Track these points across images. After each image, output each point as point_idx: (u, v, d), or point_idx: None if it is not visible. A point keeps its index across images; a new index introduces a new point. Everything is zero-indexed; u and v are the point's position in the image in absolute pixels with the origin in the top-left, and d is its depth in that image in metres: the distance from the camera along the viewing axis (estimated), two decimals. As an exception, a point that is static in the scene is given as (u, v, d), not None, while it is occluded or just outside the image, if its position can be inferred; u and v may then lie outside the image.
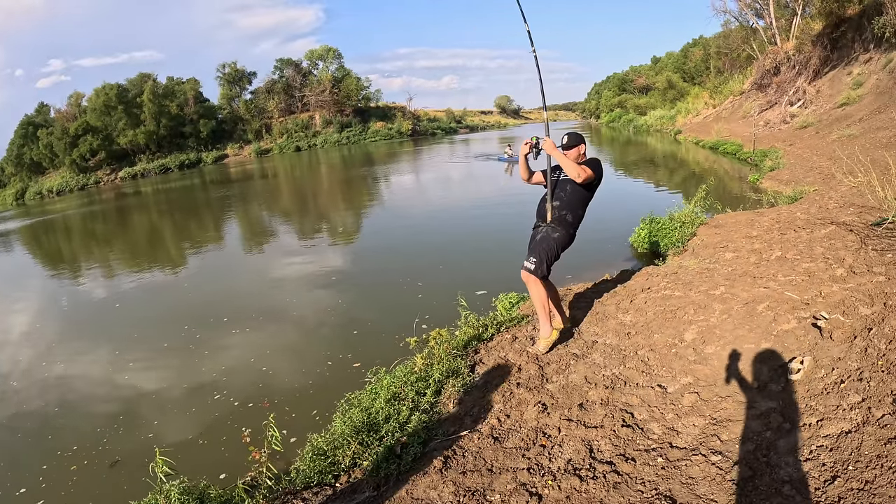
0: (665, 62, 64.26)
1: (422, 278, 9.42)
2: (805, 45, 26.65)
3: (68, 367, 7.96)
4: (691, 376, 4.04)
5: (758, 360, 4.01)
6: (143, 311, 10.21)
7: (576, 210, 4.77)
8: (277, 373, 6.61)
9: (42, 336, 9.67)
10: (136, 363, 7.64)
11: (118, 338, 8.83)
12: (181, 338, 8.24)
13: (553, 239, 4.73)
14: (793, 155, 16.94)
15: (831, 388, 3.39)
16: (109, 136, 73.76)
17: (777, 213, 9.14)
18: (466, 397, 4.30)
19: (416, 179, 28.38)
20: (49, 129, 73.89)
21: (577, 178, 4.55)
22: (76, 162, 72.06)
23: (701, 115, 36.85)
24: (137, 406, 6.36)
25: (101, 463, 5.26)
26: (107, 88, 74.66)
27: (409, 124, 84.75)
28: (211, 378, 6.70)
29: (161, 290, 11.62)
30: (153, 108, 73.52)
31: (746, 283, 5.59)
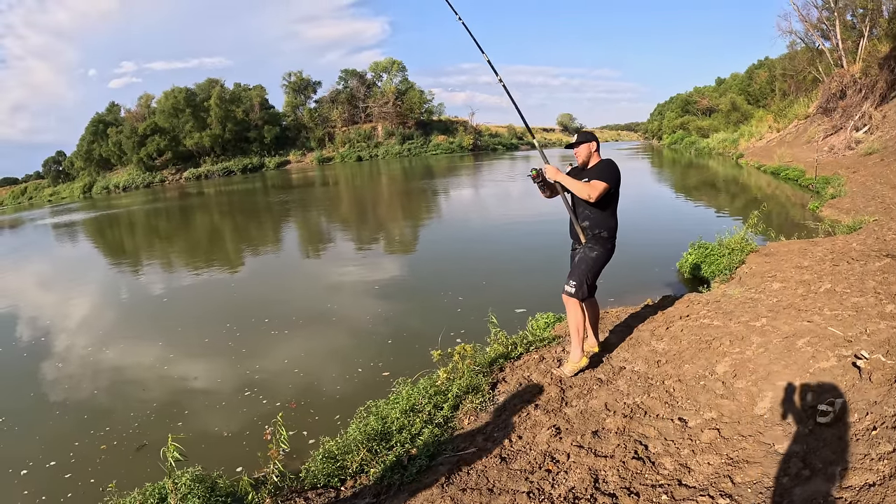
0: (729, 83, 62.87)
1: (463, 293, 9.40)
2: (872, 67, 25.69)
3: (112, 354, 8.26)
4: (716, 411, 3.90)
5: (788, 399, 3.84)
6: (190, 307, 10.57)
7: (607, 223, 4.66)
8: (308, 375, 6.71)
9: (94, 323, 10.07)
10: (176, 355, 7.89)
11: (163, 330, 9.17)
12: (221, 335, 8.46)
13: (591, 259, 4.66)
14: (856, 182, 16.37)
15: (861, 436, 3.20)
16: (176, 137, 76.86)
17: (832, 244, 8.81)
18: (483, 415, 4.28)
19: (474, 194, 28.37)
20: (119, 128, 77.43)
21: (588, 199, 4.46)
22: (143, 160, 75.33)
23: (764, 138, 35.86)
24: (171, 395, 6.57)
25: (130, 445, 5.45)
26: (176, 91, 77.72)
27: (471, 139, 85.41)
28: (244, 375, 6.86)
29: (210, 288, 11.93)
30: (220, 112, 76.37)
31: (790, 315, 5.39)
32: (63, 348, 8.75)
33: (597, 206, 4.57)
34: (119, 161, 79.00)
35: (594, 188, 4.43)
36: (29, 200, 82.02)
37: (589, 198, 4.44)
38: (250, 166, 77.18)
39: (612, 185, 4.52)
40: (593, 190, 4.42)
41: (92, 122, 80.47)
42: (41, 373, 7.73)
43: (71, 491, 4.80)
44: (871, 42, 28.13)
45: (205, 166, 77.21)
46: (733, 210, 17.15)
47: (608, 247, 4.69)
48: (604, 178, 4.48)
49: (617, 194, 4.66)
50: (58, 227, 31.71)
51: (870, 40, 28.44)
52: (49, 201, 73.65)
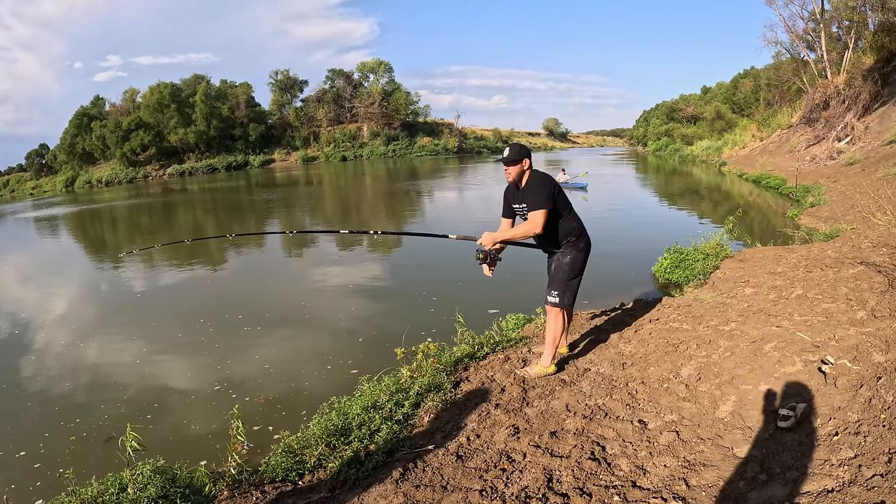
0: (715, 92, 63.43)
1: (437, 293, 9.41)
2: (855, 79, 25.98)
3: (85, 348, 8.20)
4: (676, 414, 3.88)
5: (751, 404, 3.82)
6: (166, 303, 10.49)
7: (568, 229, 4.62)
8: (278, 371, 6.69)
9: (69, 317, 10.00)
10: (149, 350, 7.84)
11: (137, 325, 9.11)
12: (195, 330, 8.43)
13: (566, 264, 4.63)
14: (836, 192, 16.51)
15: (823, 441, 3.18)
16: (161, 132, 76.66)
17: (807, 251, 8.85)
18: (444, 413, 4.24)
19: (457, 196, 28.41)
20: (103, 122, 77.13)
21: (535, 231, 4.40)
22: (126, 155, 75.01)
23: (747, 147, 36.13)
24: (142, 389, 6.54)
25: (98, 437, 5.43)
26: (161, 87, 77.57)
27: (456, 141, 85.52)
28: (216, 370, 6.84)
29: (188, 284, 11.86)
30: (205, 108, 76.33)
31: (759, 320, 5.39)
32: (37, 341, 8.69)
33: (550, 224, 4.49)
34: (102, 155, 78.57)
35: (534, 223, 4.37)
36: (11, 193, 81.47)
37: (536, 233, 4.41)
38: (234, 164, 76.92)
39: (550, 205, 4.41)
40: (534, 225, 4.37)
41: (76, 115, 79.99)
42: (13, 365, 7.67)
43: (40, 480, 4.81)
44: (855, 54, 28.45)
45: (189, 163, 76.91)
46: (713, 216, 17.26)
47: (580, 246, 4.65)
48: (539, 204, 4.39)
49: (561, 199, 4.57)
50: (39, 220, 31.46)
51: (854, 52, 28.76)
52: (31, 194, 73.08)
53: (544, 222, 4.36)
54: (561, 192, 4.57)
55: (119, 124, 75.89)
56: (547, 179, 4.53)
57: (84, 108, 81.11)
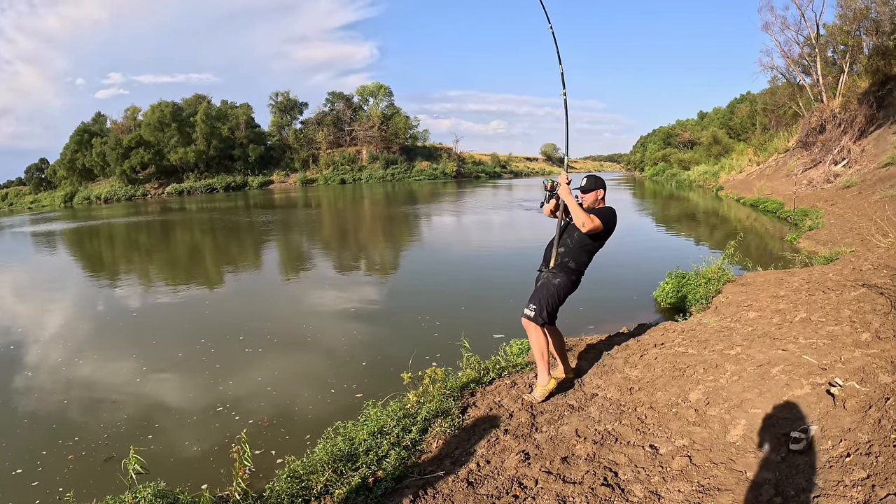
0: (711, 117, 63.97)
1: (441, 317, 9.35)
2: (851, 102, 26.22)
3: (84, 365, 8.13)
4: (687, 438, 3.85)
5: (761, 427, 3.79)
6: (165, 322, 10.42)
7: (579, 257, 4.68)
8: (281, 395, 6.61)
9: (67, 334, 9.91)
10: (149, 369, 7.77)
11: (137, 343, 9.06)
12: (195, 350, 8.36)
13: (553, 285, 4.65)
14: (833, 215, 16.58)
15: (835, 462, 3.14)
16: (160, 151, 77.06)
17: (808, 274, 8.87)
18: (452, 439, 4.19)
19: (457, 221, 28.36)
20: (103, 139, 77.53)
21: (581, 227, 4.50)
22: (126, 173, 75.37)
23: (744, 171, 36.34)
24: (142, 409, 6.46)
25: (98, 457, 5.35)
26: (162, 105, 78.12)
27: (454, 166, 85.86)
28: (217, 391, 6.77)
29: (187, 303, 11.80)
30: (205, 128, 76.82)
31: (765, 344, 5.36)
32: (35, 358, 8.62)
33: (579, 241, 4.63)
34: (102, 172, 78.85)
35: (592, 220, 4.50)
36: (9, 207, 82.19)
37: (582, 225, 4.49)
38: (233, 184, 77.27)
39: (605, 227, 4.60)
40: (590, 221, 4.49)
41: (77, 131, 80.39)
42: (11, 382, 7.59)
43: (38, 498, 4.73)
44: (850, 78, 28.75)
45: (188, 182, 77.23)
46: (712, 241, 17.31)
47: (572, 278, 4.70)
48: (602, 219, 4.57)
49: (604, 241, 4.75)
50: (37, 235, 31.45)
51: (850, 76, 29.06)
52: (29, 208, 73.56)
53: (592, 230, 4.52)
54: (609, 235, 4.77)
55: (119, 141, 76.29)
56: (614, 215, 4.75)
57: (85, 124, 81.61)
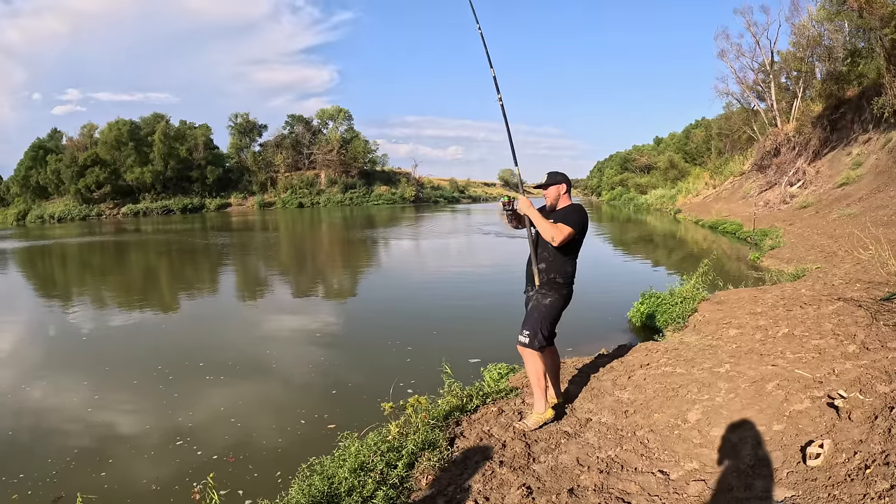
0: (667, 143, 65.50)
1: (412, 342, 8.96)
2: (805, 126, 27.09)
3: (32, 392, 7.51)
4: (696, 461, 3.59)
5: (771, 444, 3.59)
6: (119, 347, 9.74)
7: (564, 269, 4.39)
8: (247, 426, 6.12)
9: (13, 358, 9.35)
10: (101, 397, 7.18)
11: (88, 369, 8.43)
12: (152, 378, 7.76)
13: (545, 306, 4.37)
14: (793, 234, 16.89)
15: (855, 475, 2.99)
16: (117, 170, 75.64)
17: (781, 290, 8.88)
18: (442, 474, 3.81)
19: (416, 246, 28.08)
20: (59, 156, 75.83)
21: (552, 242, 4.21)
22: (81, 192, 73.58)
23: (701, 195, 37.07)
24: (94, 441, 5.90)
25: (45, 496, 4.81)
26: (120, 123, 76.87)
27: (413, 190, 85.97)
28: (176, 422, 6.23)
29: (142, 328, 11.14)
30: (163, 148, 75.75)
31: (753, 360, 5.26)
32: None
33: (557, 250, 4.31)
34: (56, 190, 76.65)
35: (560, 231, 4.20)
36: None
37: (552, 240, 4.19)
38: (190, 206, 75.96)
39: (577, 232, 4.30)
40: (559, 233, 4.19)
41: (32, 147, 78.18)
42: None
43: None
44: (804, 102, 29.76)
45: (144, 203, 75.59)
46: (674, 263, 17.44)
47: (563, 293, 4.42)
48: (570, 223, 4.26)
49: (580, 242, 4.44)
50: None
51: (803, 101, 30.09)
52: None
53: (565, 240, 4.23)
54: (583, 235, 4.44)
55: (75, 159, 74.36)
56: (583, 212, 4.45)
57: (40, 140, 79.29)
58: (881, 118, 21.71)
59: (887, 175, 18.88)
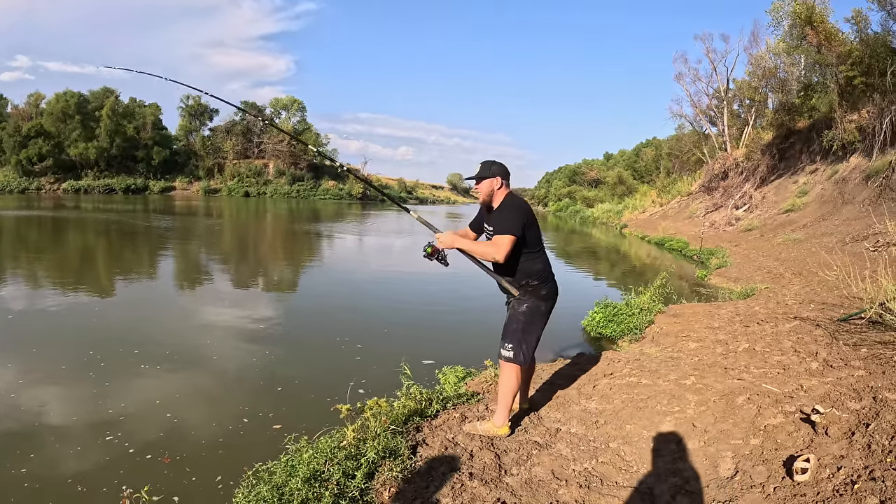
0: (617, 159, 66.66)
1: (362, 340, 8.48)
2: (754, 153, 27.93)
3: None
4: (679, 476, 3.38)
5: (752, 459, 3.45)
6: (48, 328, 8.97)
7: (531, 269, 4.03)
8: (184, 422, 5.59)
9: None
10: (26, 382, 6.52)
11: (13, 350, 7.72)
12: (82, 363, 7.10)
13: (522, 313, 4.03)
14: (738, 255, 17.22)
15: (844, 490, 2.92)
16: (61, 144, 72.58)
17: (734, 307, 8.97)
18: (407, 486, 3.45)
19: (362, 243, 27.54)
20: (2, 124, 71.74)
21: (496, 259, 3.84)
22: (22, 163, 70.37)
23: (647, 211, 37.73)
24: (15, 433, 5.27)
25: None
26: (68, 95, 73.78)
27: (361, 188, 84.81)
28: (107, 414, 5.65)
29: (74, 309, 10.35)
30: (110, 124, 72.90)
31: (718, 373, 5.17)
32: None
33: (513, 257, 3.93)
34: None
35: (498, 247, 3.81)
36: None
37: (495, 259, 3.83)
38: (134, 187, 73.24)
39: (518, 234, 3.86)
40: (498, 249, 3.80)
41: None
42: None
43: None
44: (755, 130, 30.69)
45: (86, 180, 72.48)
46: (621, 274, 17.51)
47: (540, 294, 4.06)
48: (506, 229, 3.84)
49: (531, 234, 4.00)
50: None
51: (754, 128, 31.01)
52: None
53: (509, 251, 3.82)
54: (534, 225, 4.02)
55: (18, 129, 70.59)
56: (522, 206, 4.01)
57: None
58: (829, 150, 22.50)
59: (832, 204, 19.50)
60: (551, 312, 4.22)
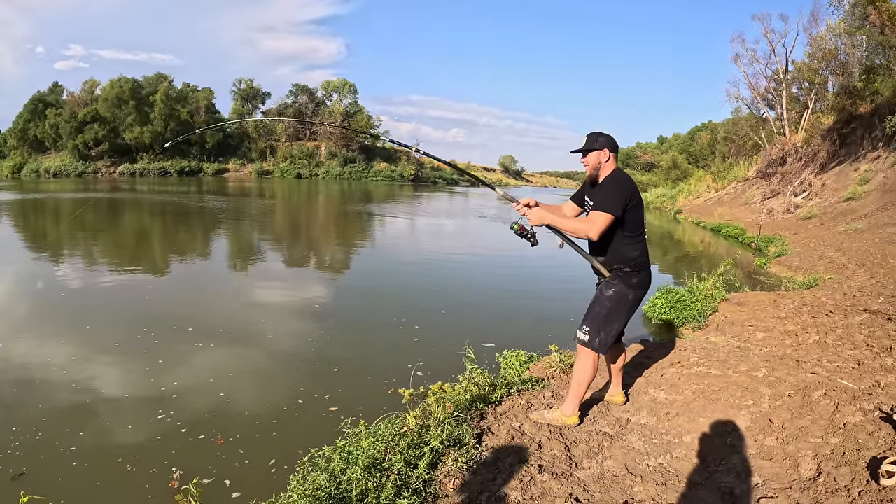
0: (671, 142, 65.13)
1: (420, 321, 8.37)
2: (814, 138, 26.83)
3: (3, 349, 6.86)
4: (758, 475, 3.20)
5: (834, 460, 3.24)
6: (103, 305, 9.13)
7: (625, 254, 3.73)
8: (238, 402, 5.54)
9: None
10: (78, 359, 6.55)
11: (68, 326, 7.81)
12: (136, 340, 7.16)
13: (607, 298, 3.77)
14: (798, 243, 16.66)
15: None
16: (116, 128, 74.35)
17: (800, 297, 8.64)
18: (472, 477, 3.28)
19: (413, 224, 27.27)
20: (58, 110, 74.34)
21: (589, 237, 3.58)
22: (79, 148, 72.56)
23: (702, 197, 36.79)
24: (66, 410, 5.29)
25: (3, 472, 4.22)
26: (122, 81, 75.51)
27: (413, 169, 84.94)
28: (159, 392, 5.65)
29: (130, 287, 10.51)
30: (164, 109, 74.47)
31: (789, 366, 4.93)
32: None
33: (609, 236, 3.66)
34: (54, 145, 75.20)
35: (592, 224, 3.55)
36: None
37: (588, 237, 3.59)
38: (188, 169, 74.93)
39: (618, 213, 3.57)
40: (592, 226, 3.55)
41: (32, 99, 76.23)
42: None
43: None
44: (814, 114, 29.47)
45: (141, 163, 74.26)
46: (676, 260, 17.07)
47: (631, 282, 3.76)
48: (606, 206, 3.56)
49: (634, 216, 3.70)
50: None
51: (813, 113, 29.79)
52: None
53: (604, 230, 3.55)
54: (638, 207, 3.73)
55: (74, 115, 72.77)
56: (628, 184, 3.69)
57: (41, 93, 77.27)
58: (893, 136, 21.50)
59: (895, 193, 18.68)
60: (640, 304, 3.96)
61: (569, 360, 5.33)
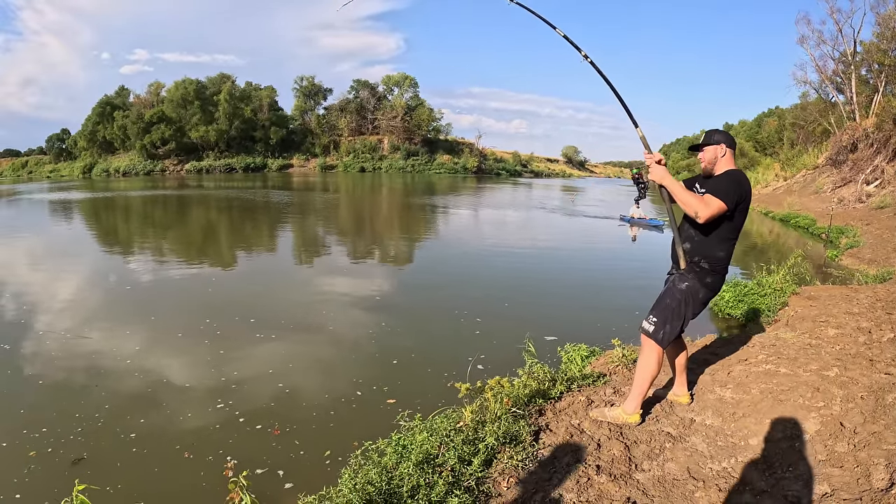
0: (738, 129, 63.28)
1: (481, 313, 8.36)
2: (886, 123, 25.58)
3: (70, 339, 7.20)
4: (826, 484, 3.04)
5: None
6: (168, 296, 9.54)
7: (713, 252, 3.66)
8: (296, 393, 5.65)
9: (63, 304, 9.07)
10: (142, 349, 6.82)
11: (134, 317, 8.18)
12: (199, 331, 7.41)
13: (679, 291, 3.69)
14: (870, 234, 16.01)
15: None
16: (182, 128, 78.26)
17: (874, 291, 8.25)
18: (528, 476, 3.20)
19: (476, 216, 27.36)
20: (125, 112, 78.69)
21: (696, 218, 3.47)
22: (146, 147, 76.78)
23: (770, 186, 35.63)
24: (126, 398, 5.50)
25: (65, 456, 4.41)
26: (186, 83, 79.28)
27: (476, 161, 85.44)
28: (219, 382, 5.81)
29: (195, 279, 10.97)
30: (228, 108, 77.82)
31: (863, 366, 4.70)
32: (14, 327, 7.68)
33: (706, 228, 3.58)
34: (122, 146, 79.88)
35: (707, 205, 3.46)
36: (28, 174, 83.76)
37: (696, 215, 3.48)
38: (253, 165, 78.08)
39: (731, 206, 3.49)
40: (705, 207, 3.45)
41: (100, 103, 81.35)
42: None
43: None
44: (885, 98, 28.10)
45: (207, 160, 78.03)
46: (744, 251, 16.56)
47: (706, 280, 3.70)
48: (721, 194, 3.49)
49: (737, 218, 3.63)
50: (53, 203, 30.83)
51: (884, 96, 28.40)
52: (48, 177, 74.94)
53: (714, 216, 3.47)
54: (745, 211, 3.65)
55: (141, 116, 77.04)
56: (744, 184, 3.61)
57: (108, 96, 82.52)
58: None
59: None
60: (707, 305, 3.89)
61: (632, 355, 5.22)
